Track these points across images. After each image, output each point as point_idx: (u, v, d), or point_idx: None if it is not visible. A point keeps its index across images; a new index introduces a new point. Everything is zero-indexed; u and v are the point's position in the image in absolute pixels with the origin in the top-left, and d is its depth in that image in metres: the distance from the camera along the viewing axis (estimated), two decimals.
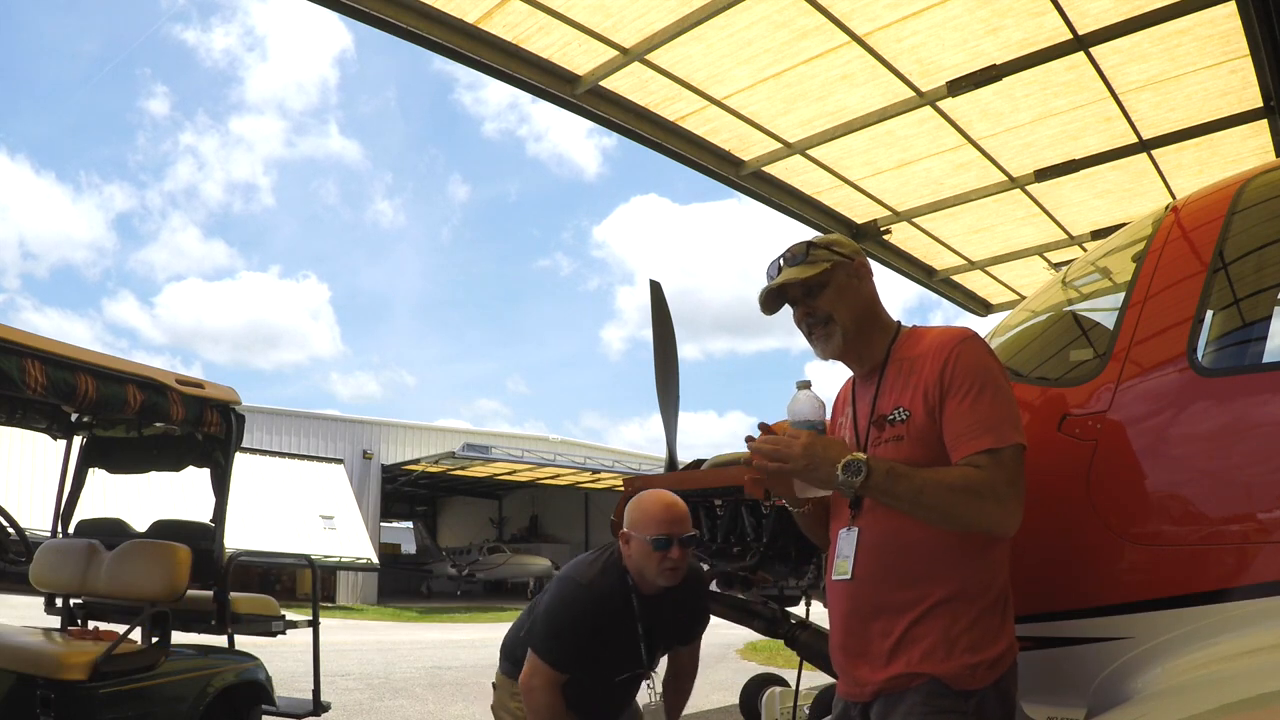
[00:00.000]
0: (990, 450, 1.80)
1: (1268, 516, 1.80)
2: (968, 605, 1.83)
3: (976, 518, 1.79)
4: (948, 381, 1.88)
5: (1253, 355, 2.19)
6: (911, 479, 1.80)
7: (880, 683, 1.89)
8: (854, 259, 2.08)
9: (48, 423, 5.02)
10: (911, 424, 1.91)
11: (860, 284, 2.07)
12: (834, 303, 2.04)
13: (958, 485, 1.78)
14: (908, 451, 1.90)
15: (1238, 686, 1.64)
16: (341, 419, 27.69)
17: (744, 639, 13.81)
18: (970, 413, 1.84)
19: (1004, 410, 1.85)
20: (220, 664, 4.83)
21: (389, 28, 4.96)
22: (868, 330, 2.06)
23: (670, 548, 2.65)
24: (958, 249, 8.34)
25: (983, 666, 1.81)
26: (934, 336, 1.98)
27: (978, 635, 1.82)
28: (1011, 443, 1.81)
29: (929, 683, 1.82)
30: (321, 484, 24.74)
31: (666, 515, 2.69)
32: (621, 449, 32.80)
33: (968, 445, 1.82)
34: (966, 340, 1.93)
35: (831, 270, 2.03)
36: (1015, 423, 1.85)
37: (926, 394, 1.90)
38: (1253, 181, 2.25)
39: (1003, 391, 1.88)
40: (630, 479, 3.56)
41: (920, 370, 1.93)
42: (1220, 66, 5.44)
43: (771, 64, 5.59)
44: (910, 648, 1.85)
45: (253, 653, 5.15)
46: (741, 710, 4.39)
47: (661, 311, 4.03)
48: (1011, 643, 1.89)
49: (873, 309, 2.08)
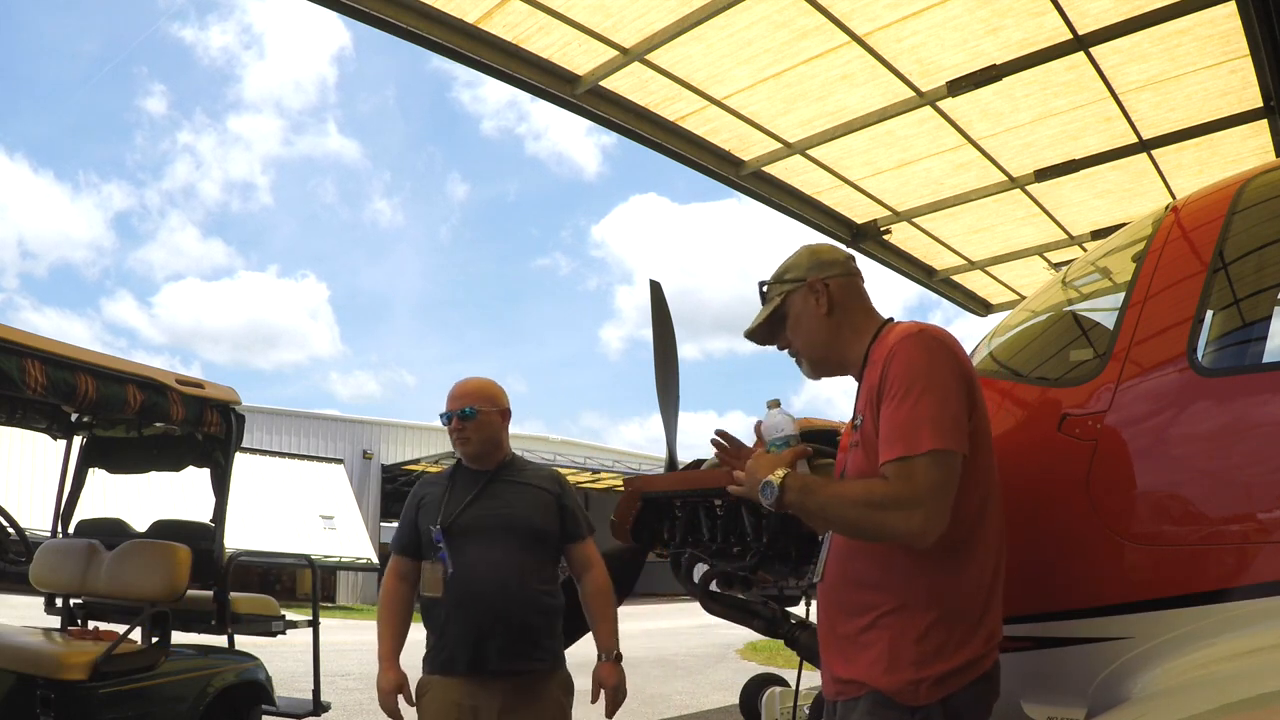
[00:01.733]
0: (900, 459, 1.71)
1: (1268, 516, 1.80)
2: (920, 615, 1.77)
3: (879, 531, 1.74)
4: (884, 385, 1.81)
5: (1253, 355, 2.19)
6: (818, 494, 1.80)
7: (838, 685, 1.91)
8: (807, 279, 2.05)
9: (48, 423, 5.02)
10: (864, 429, 1.87)
11: (818, 303, 2.03)
12: (793, 332, 2.09)
13: (859, 499, 1.75)
14: (863, 459, 1.87)
15: (1238, 686, 1.64)
16: (341, 419, 27.69)
17: (744, 639, 13.83)
18: (890, 418, 1.77)
19: (926, 414, 1.72)
20: (220, 664, 4.83)
21: (389, 28, 4.95)
22: (838, 344, 2.04)
23: (451, 420, 2.96)
24: (958, 249, 8.34)
25: (927, 683, 1.74)
26: (891, 335, 1.92)
27: (927, 649, 1.75)
28: (925, 449, 1.69)
29: (872, 694, 1.79)
30: (321, 484, 24.73)
31: (452, 393, 3.02)
32: (621, 449, 32.80)
33: (884, 453, 1.75)
34: (907, 338, 1.84)
35: (784, 303, 2.08)
36: (938, 427, 1.71)
37: (871, 398, 1.86)
38: (1253, 181, 2.25)
39: (932, 394, 1.75)
40: (630, 479, 3.56)
41: (872, 374, 1.89)
42: (1220, 66, 5.44)
43: (771, 64, 5.59)
44: (859, 654, 1.84)
45: (253, 653, 5.15)
46: (741, 710, 4.39)
47: (661, 311, 4.03)
48: (970, 660, 1.77)
49: (840, 321, 2.04)
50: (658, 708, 8.56)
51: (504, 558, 2.86)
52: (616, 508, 3.47)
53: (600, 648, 3.00)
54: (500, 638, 2.81)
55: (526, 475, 3.06)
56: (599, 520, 3.31)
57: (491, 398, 3.04)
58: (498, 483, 2.99)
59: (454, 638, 2.83)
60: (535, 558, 2.93)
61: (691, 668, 11.82)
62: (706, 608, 3.46)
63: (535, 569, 2.92)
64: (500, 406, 3.06)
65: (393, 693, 2.89)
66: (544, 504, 2.99)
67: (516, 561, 2.87)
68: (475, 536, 2.88)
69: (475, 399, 3.00)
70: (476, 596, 2.82)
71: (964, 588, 1.81)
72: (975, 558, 1.83)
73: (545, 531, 2.97)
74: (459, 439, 2.98)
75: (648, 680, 10.39)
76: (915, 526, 1.69)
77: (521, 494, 2.98)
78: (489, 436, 3.00)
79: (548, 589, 2.97)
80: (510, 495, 2.97)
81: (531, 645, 2.87)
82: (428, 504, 3.00)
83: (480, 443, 2.98)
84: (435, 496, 3.00)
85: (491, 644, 2.80)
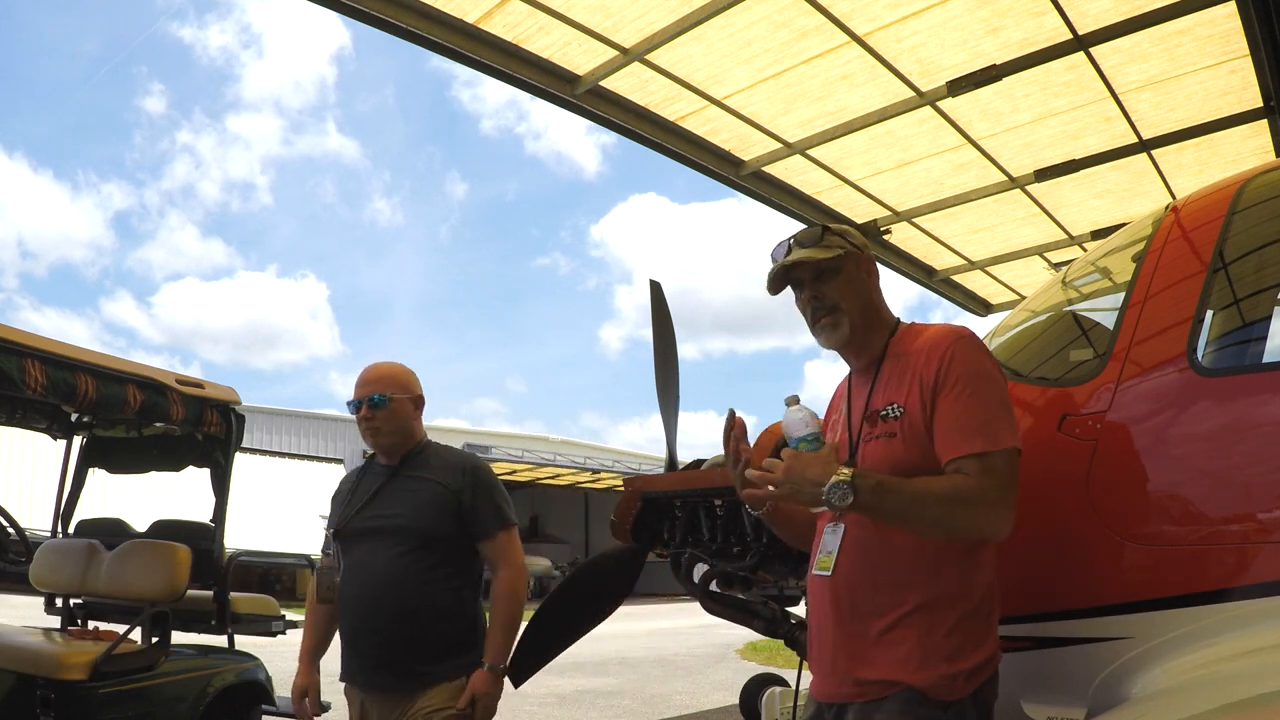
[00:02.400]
0: (980, 454, 1.74)
1: (1268, 516, 1.80)
2: (947, 611, 1.79)
3: (968, 527, 1.76)
4: (942, 378, 1.82)
5: (1253, 355, 2.19)
6: (900, 493, 1.73)
7: (855, 687, 1.84)
8: (864, 251, 2.06)
9: (48, 423, 5.02)
10: (905, 421, 1.86)
11: (868, 278, 2.05)
12: (843, 291, 1.99)
13: (948, 495, 1.73)
14: (899, 450, 1.85)
15: (1238, 686, 1.64)
16: (341, 419, 27.69)
17: (744, 639, 13.82)
18: (963, 413, 1.78)
19: (997, 412, 1.79)
20: (220, 664, 4.83)
21: (389, 28, 4.95)
22: (871, 324, 2.02)
23: (360, 408, 2.79)
24: (958, 249, 8.34)
25: (961, 677, 1.76)
26: (932, 332, 1.95)
27: (957, 643, 1.77)
28: (1004, 446, 1.76)
29: (905, 692, 1.77)
30: (321, 484, 24.74)
31: (361, 379, 2.84)
32: (621, 449, 32.79)
33: (958, 447, 1.76)
34: (964, 338, 1.89)
35: (844, 258, 2.00)
36: (1009, 426, 1.79)
37: (922, 390, 1.85)
38: (1253, 181, 2.25)
39: (998, 393, 1.82)
40: (630, 479, 3.56)
41: (916, 366, 1.88)
42: (1220, 66, 5.45)
43: (771, 64, 5.59)
44: (886, 653, 1.80)
45: (253, 653, 5.15)
46: (741, 710, 4.38)
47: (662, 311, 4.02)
48: (994, 652, 1.83)
49: (876, 303, 2.06)
50: (658, 708, 8.56)
51: (385, 565, 2.68)
52: (616, 508, 3.46)
53: (486, 656, 2.75)
54: (369, 649, 2.69)
55: (431, 469, 2.82)
56: (599, 520, 3.29)
57: (404, 384, 2.86)
58: (398, 479, 2.82)
59: (343, 645, 2.78)
60: (426, 563, 2.70)
61: (691, 668, 11.82)
62: (706, 608, 3.45)
63: (426, 574, 2.69)
64: (413, 393, 2.87)
65: (300, 694, 2.84)
66: (439, 503, 2.75)
67: (401, 568, 2.67)
68: (362, 541, 2.75)
69: (386, 385, 2.82)
70: (349, 605, 2.73)
71: (981, 585, 1.84)
72: (989, 556, 1.87)
73: (435, 534, 2.72)
74: (368, 429, 2.80)
75: (648, 680, 10.39)
76: (1002, 521, 1.75)
77: (417, 493, 2.77)
78: (399, 426, 2.82)
79: (441, 595, 2.72)
80: (404, 495, 2.78)
81: (406, 656, 2.66)
82: (335, 502, 2.94)
83: (390, 433, 2.81)
84: (344, 495, 2.92)
85: (363, 655, 2.71)
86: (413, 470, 2.83)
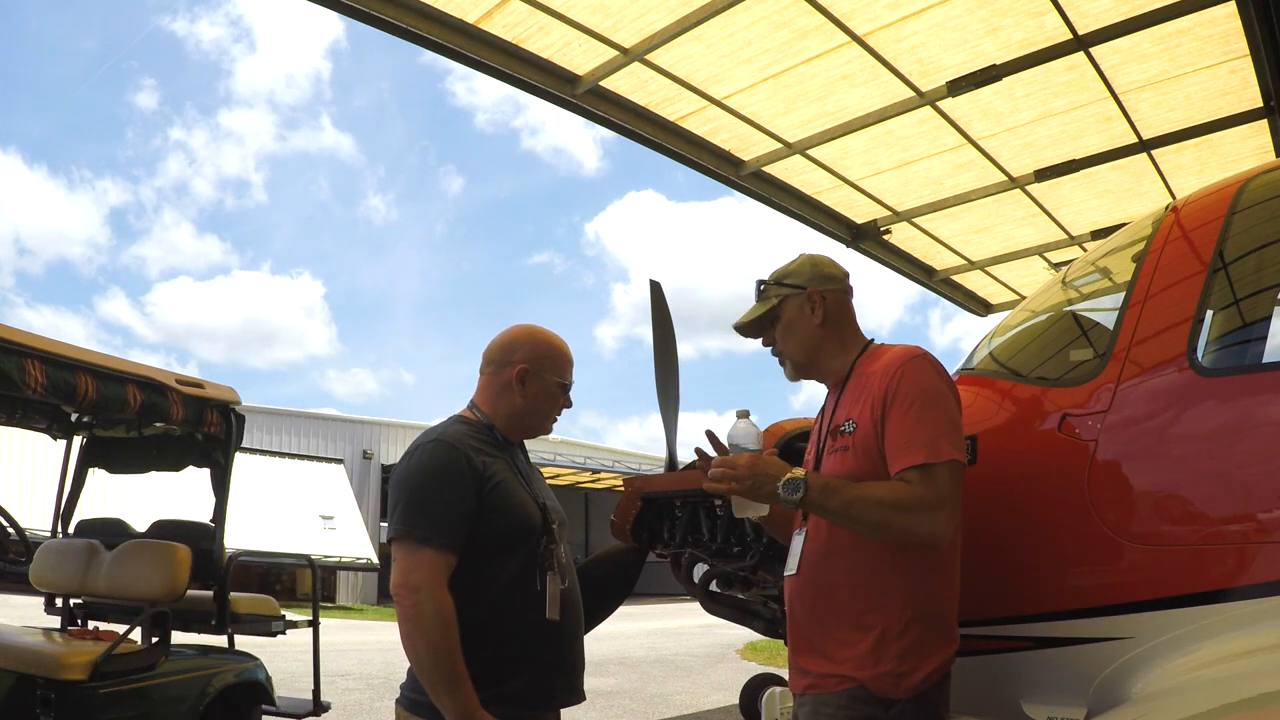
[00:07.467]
0: (922, 465, 1.85)
1: (1268, 516, 1.80)
2: (900, 613, 1.88)
3: (905, 531, 1.85)
4: (891, 396, 1.94)
5: (1253, 355, 2.19)
6: (843, 494, 1.86)
7: (813, 679, 1.96)
8: (806, 288, 2.16)
9: (48, 423, 5.03)
10: (857, 435, 1.98)
11: (813, 313, 2.16)
12: (783, 336, 2.19)
13: (887, 500, 1.84)
14: (851, 462, 1.98)
15: (1238, 686, 1.64)
16: (341, 419, 27.68)
17: (744, 639, 13.83)
18: (908, 428, 1.90)
19: (942, 428, 1.89)
20: (220, 664, 4.83)
21: (389, 27, 4.95)
22: (823, 354, 2.18)
23: (568, 395, 2.31)
24: (958, 249, 8.34)
25: (907, 676, 1.86)
26: (890, 354, 2.06)
27: (908, 644, 1.87)
28: (946, 459, 1.85)
29: (853, 688, 1.88)
30: (321, 484, 24.72)
31: (568, 356, 2.32)
32: (621, 449, 32.76)
33: (903, 459, 1.88)
34: (916, 358, 2.00)
35: (780, 305, 2.18)
36: (953, 440, 1.89)
37: (873, 407, 1.97)
38: (1253, 181, 2.25)
39: (943, 410, 1.93)
40: (630, 479, 3.56)
41: (871, 385, 2.01)
42: (1220, 66, 5.45)
43: (771, 64, 5.59)
44: (842, 651, 1.92)
45: (253, 653, 5.15)
46: (741, 710, 4.39)
47: (661, 311, 4.02)
48: (947, 657, 1.92)
49: (830, 334, 2.17)
50: (658, 708, 8.56)
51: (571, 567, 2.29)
52: (616, 508, 3.47)
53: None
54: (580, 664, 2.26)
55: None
56: (599, 520, 3.29)
57: None
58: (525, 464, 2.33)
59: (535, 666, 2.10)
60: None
61: (691, 668, 11.82)
62: (706, 608, 3.46)
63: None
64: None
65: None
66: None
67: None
68: (560, 538, 2.24)
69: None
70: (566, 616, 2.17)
71: (937, 590, 1.93)
72: (946, 563, 1.95)
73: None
74: (555, 420, 2.34)
75: (648, 680, 10.40)
76: (938, 528, 1.83)
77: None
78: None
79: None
80: (543, 484, 2.35)
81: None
82: (501, 481, 2.09)
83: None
84: (502, 472, 2.12)
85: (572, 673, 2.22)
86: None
